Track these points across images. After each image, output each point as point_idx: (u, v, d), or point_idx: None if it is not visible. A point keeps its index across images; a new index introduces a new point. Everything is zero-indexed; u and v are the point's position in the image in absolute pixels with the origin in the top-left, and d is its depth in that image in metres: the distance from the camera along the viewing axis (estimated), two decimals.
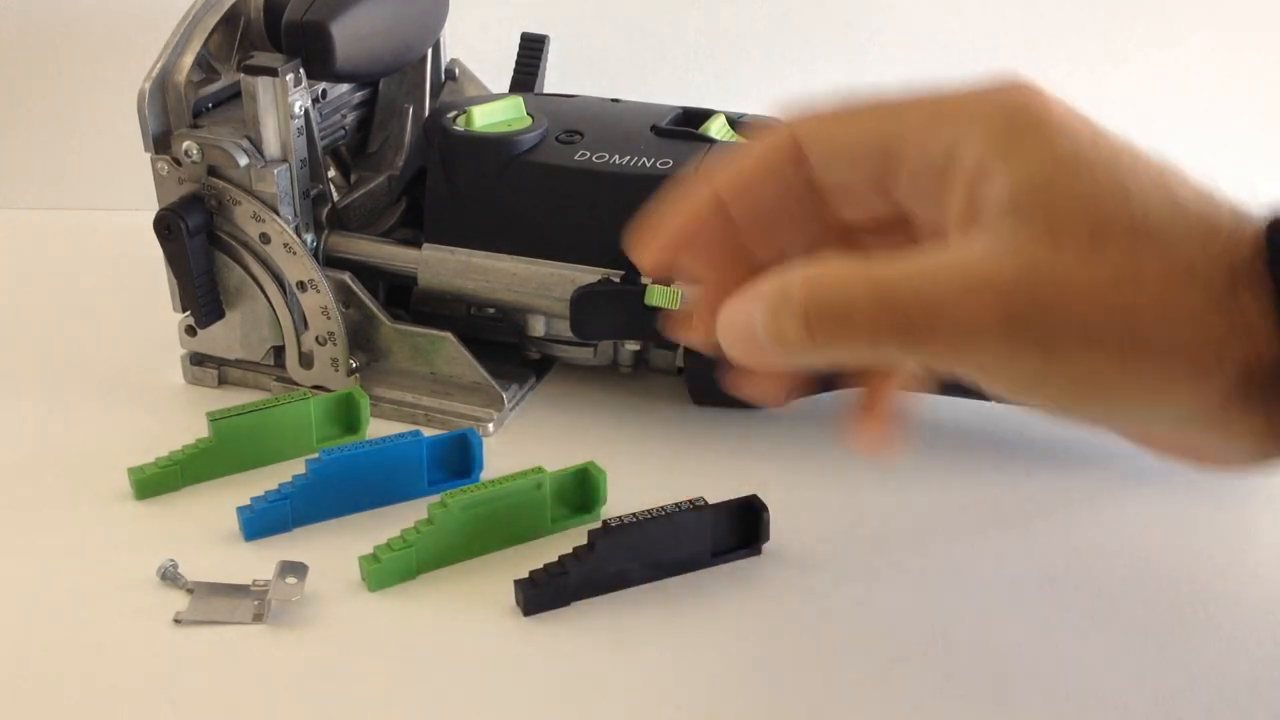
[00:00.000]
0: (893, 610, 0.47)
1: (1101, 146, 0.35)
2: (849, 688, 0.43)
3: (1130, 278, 0.32)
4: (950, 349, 0.34)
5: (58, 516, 0.52)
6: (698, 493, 0.48)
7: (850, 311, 0.35)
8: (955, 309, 0.34)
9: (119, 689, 0.43)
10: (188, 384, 0.63)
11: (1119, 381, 0.33)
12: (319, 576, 0.48)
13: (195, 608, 0.47)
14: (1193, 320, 0.32)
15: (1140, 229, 0.33)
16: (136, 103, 0.56)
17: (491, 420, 0.58)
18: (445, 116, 0.59)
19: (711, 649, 0.45)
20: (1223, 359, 0.32)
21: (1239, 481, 0.54)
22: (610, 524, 0.47)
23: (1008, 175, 0.34)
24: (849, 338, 0.35)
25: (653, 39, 0.80)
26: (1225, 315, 0.32)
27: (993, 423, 0.58)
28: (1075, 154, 0.35)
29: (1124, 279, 0.33)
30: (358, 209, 0.64)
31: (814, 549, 0.50)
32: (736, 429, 0.59)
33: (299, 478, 0.51)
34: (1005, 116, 0.35)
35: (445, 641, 0.45)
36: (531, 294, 0.58)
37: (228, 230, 0.58)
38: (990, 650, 0.45)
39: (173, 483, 0.54)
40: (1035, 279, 0.33)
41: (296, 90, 0.56)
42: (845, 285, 0.35)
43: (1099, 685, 0.43)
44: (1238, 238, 0.32)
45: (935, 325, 0.34)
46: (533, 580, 0.47)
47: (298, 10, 0.56)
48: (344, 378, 0.59)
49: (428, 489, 0.53)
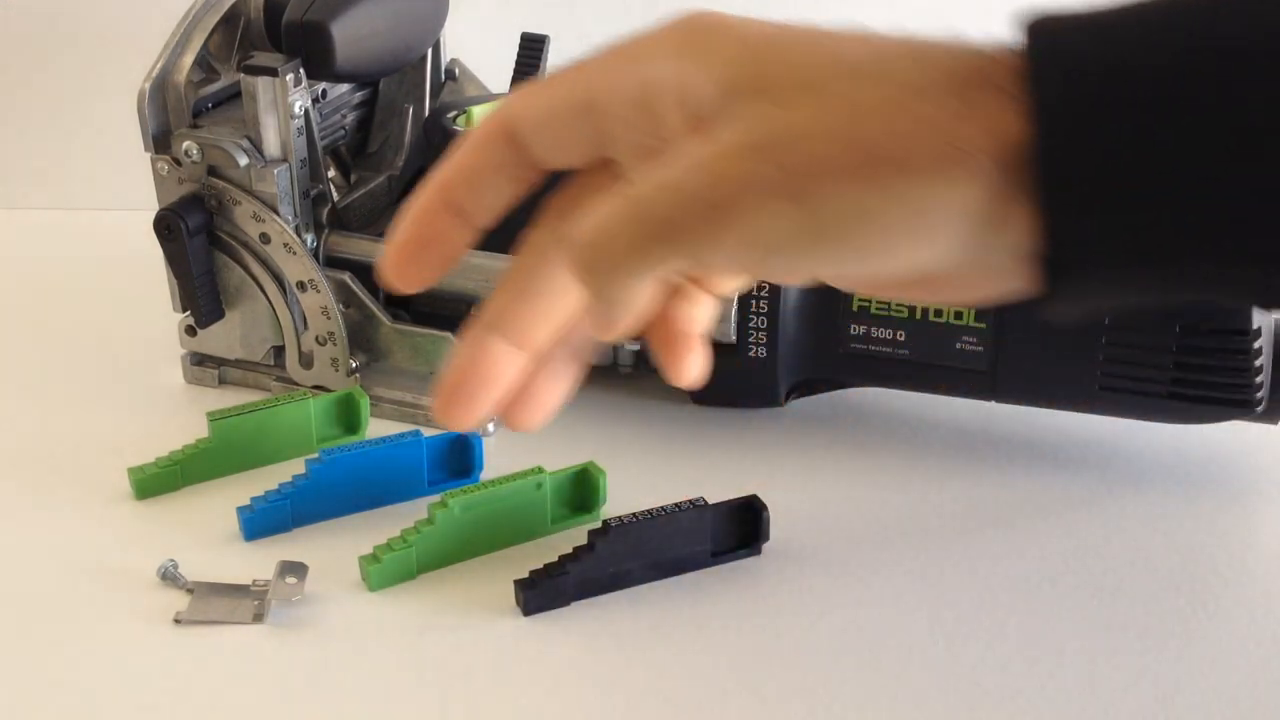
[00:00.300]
0: (892, 610, 0.47)
1: (793, 29, 0.35)
2: (849, 687, 0.43)
3: (859, 109, 0.32)
4: (712, 236, 0.33)
5: (58, 516, 0.52)
6: (698, 493, 0.48)
7: (613, 239, 0.35)
8: (707, 192, 0.33)
9: (119, 689, 0.43)
10: (188, 384, 0.63)
11: (879, 207, 0.32)
12: (319, 576, 0.48)
13: (195, 608, 0.47)
14: (927, 127, 0.31)
15: (863, 71, 0.33)
16: (136, 103, 0.56)
17: (492, 420, 0.58)
18: (445, 116, 0.59)
19: (711, 649, 0.45)
20: (970, 155, 0.31)
21: (1239, 481, 0.54)
22: (610, 524, 0.47)
23: (709, 74, 0.34)
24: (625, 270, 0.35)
25: None
26: (965, 116, 0.31)
27: (993, 423, 0.58)
28: (767, 36, 0.35)
29: (853, 113, 0.32)
30: (358, 209, 0.64)
31: (814, 549, 0.50)
32: (736, 429, 0.59)
33: (299, 478, 0.51)
34: (686, 33, 0.35)
35: (445, 641, 0.45)
36: None
37: (228, 230, 0.58)
38: (991, 650, 0.45)
39: (173, 483, 0.54)
40: (769, 138, 0.33)
41: (296, 90, 0.56)
42: (607, 217, 0.35)
43: (1099, 685, 0.43)
44: (988, 55, 0.33)
45: (691, 215, 0.33)
46: (533, 580, 0.47)
47: (298, 10, 0.56)
48: (344, 378, 0.59)
49: (428, 489, 0.53)
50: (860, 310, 0.55)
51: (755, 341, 0.55)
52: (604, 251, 0.35)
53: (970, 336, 0.53)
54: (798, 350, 0.56)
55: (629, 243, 0.34)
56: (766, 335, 0.55)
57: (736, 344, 0.56)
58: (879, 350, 0.55)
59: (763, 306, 0.55)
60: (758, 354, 0.56)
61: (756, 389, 0.58)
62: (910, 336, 0.54)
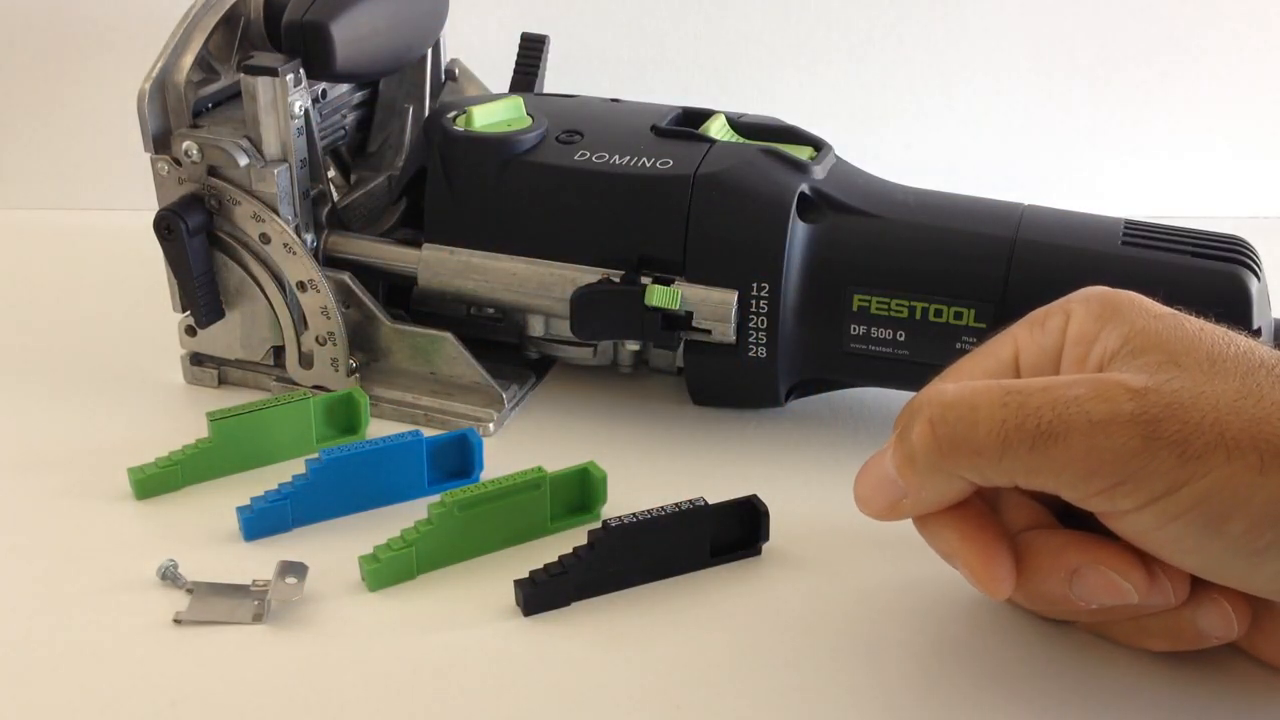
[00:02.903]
0: (893, 610, 0.47)
1: (1176, 313, 0.38)
2: (849, 688, 0.43)
3: (1255, 394, 0.34)
4: (1082, 452, 0.34)
5: (58, 516, 0.52)
6: (698, 493, 0.48)
7: (976, 414, 0.36)
8: (1087, 403, 0.34)
9: (119, 689, 0.43)
10: (188, 384, 0.63)
11: (1249, 496, 0.33)
12: (319, 576, 0.48)
13: (195, 608, 0.47)
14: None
15: (1249, 358, 0.35)
16: (136, 103, 0.56)
17: (491, 420, 0.58)
18: (445, 116, 0.59)
19: (711, 649, 0.45)
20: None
21: None
22: (610, 524, 0.47)
23: (1115, 333, 0.37)
24: (975, 446, 0.36)
25: (653, 39, 0.81)
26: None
27: None
28: (1164, 314, 0.38)
29: (1250, 394, 0.34)
30: (358, 209, 0.64)
31: (814, 549, 0.50)
32: (736, 429, 0.59)
33: (299, 478, 0.51)
34: (1098, 299, 0.39)
35: (445, 641, 0.45)
36: (531, 294, 0.58)
37: (228, 230, 0.58)
38: (992, 650, 0.45)
39: (173, 483, 0.54)
40: (1166, 387, 0.34)
41: (296, 90, 0.56)
42: (973, 393, 0.37)
43: (1099, 685, 0.43)
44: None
45: (1068, 421, 0.34)
46: (533, 580, 0.47)
47: (298, 10, 0.56)
48: (344, 378, 0.60)
49: (428, 489, 0.53)
50: (860, 310, 0.55)
51: (755, 341, 0.55)
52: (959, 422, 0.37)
53: (970, 337, 0.53)
54: (798, 350, 0.56)
55: (989, 427, 0.36)
56: (766, 335, 0.55)
57: (736, 344, 0.56)
58: (879, 350, 0.55)
59: (763, 306, 0.55)
60: (758, 354, 0.56)
61: (756, 389, 0.58)
62: (910, 336, 0.54)
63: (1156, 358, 0.36)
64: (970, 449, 0.36)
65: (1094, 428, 0.34)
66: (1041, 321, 0.40)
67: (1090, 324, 0.38)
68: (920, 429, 0.37)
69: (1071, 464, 0.35)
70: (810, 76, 0.81)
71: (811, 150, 0.58)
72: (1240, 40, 0.79)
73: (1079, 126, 0.82)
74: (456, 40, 0.69)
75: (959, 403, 0.37)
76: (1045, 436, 0.35)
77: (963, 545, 0.39)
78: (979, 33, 0.80)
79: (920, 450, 0.37)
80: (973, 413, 0.36)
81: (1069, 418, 0.34)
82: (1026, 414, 0.35)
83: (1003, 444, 0.35)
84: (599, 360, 0.61)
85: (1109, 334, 0.37)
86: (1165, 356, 0.36)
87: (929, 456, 0.37)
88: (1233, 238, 0.54)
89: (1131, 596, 0.38)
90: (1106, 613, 0.42)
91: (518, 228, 0.58)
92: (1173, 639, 0.41)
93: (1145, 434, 0.33)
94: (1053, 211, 0.56)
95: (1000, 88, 0.81)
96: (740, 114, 0.61)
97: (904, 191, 0.57)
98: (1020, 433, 0.35)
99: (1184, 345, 0.36)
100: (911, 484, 0.39)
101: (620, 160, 0.57)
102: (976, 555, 0.39)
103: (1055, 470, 0.35)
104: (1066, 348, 0.39)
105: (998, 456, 0.36)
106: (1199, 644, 0.41)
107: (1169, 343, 0.36)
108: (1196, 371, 0.35)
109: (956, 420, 0.36)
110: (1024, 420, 0.35)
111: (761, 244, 0.54)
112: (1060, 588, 0.40)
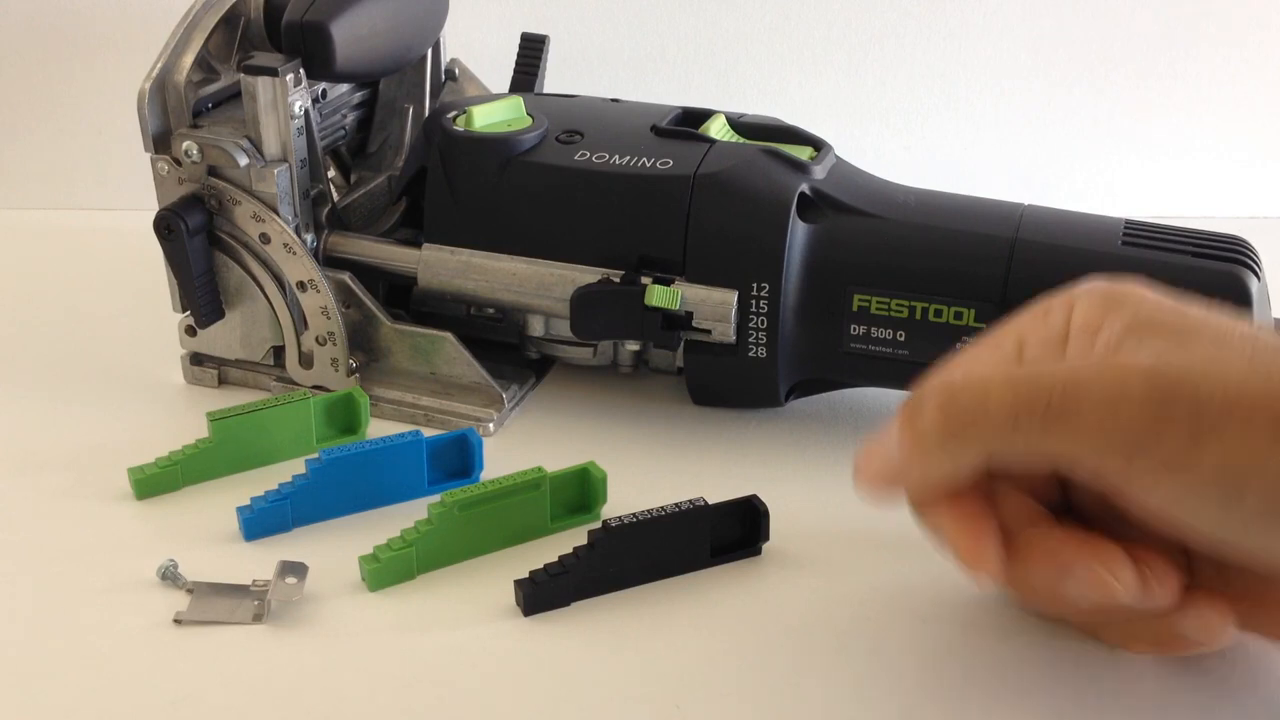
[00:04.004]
0: (893, 610, 0.47)
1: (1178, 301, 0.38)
2: (849, 688, 0.43)
3: (1263, 371, 0.34)
4: (1094, 426, 0.35)
5: (58, 516, 0.52)
6: (698, 493, 0.48)
7: (986, 396, 0.37)
8: (1098, 382, 0.35)
9: (119, 689, 0.43)
10: (188, 384, 0.63)
11: (1265, 464, 0.33)
12: (319, 576, 0.48)
13: (195, 608, 0.47)
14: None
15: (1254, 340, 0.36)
16: (136, 103, 0.56)
17: (491, 420, 0.58)
18: (445, 116, 0.59)
19: (711, 649, 0.45)
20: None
21: None
22: (610, 524, 0.47)
23: (1120, 320, 0.38)
24: (984, 423, 0.37)
25: (653, 39, 0.81)
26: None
27: None
28: (1168, 301, 0.38)
29: (1258, 371, 0.34)
30: (358, 209, 0.64)
31: (814, 549, 0.50)
32: (736, 429, 0.59)
33: (299, 478, 0.51)
34: (1102, 289, 0.39)
35: (445, 641, 0.45)
36: (531, 294, 0.58)
37: (228, 230, 0.58)
38: (991, 651, 0.45)
39: (173, 483, 0.54)
40: (1174, 365, 0.35)
41: (296, 90, 0.56)
42: (981, 375, 0.38)
43: (1100, 685, 0.43)
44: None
45: (1079, 397, 0.35)
46: (533, 580, 0.47)
47: (298, 10, 0.56)
48: (344, 378, 0.60)
49: (428, 489, 0.53)
50: (860, 310, 0.55)
51: (755, 341, 0.55)
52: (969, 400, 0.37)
53: (970, 337, 0.53)
54: (798, 350, 0.56)
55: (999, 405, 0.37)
56: (766, 335, 0.55)
57: (736, 344, 0.56)
58: (879, 350, 0.55)
59: (763, 306, 0.55)
60: (758, 354, 0.56)
61: (756, 389, 0.58)
62: (910, 336, 0.54)
63: (1163, 340, 0.36)
64: (982, 424, 0.37)
65: (1105, 403, 0.35)
66: (1045, 312, 0.40)
67: (1095, 313, 0.38)
68: (930, 409, 0.37)
69: (1086, 438, 0.35)
70: (810, 76, 0.81)
71: (811, 150, 0.58)
72: (1240, 41, 0.79)
73: (1079, 127, 0.82)
74: (456, 40, 0.69)
75: (970, 385, 0.37)
76: (1057, 412, 0.35)
77: (953, 526, 0.40)
78: (979, 33, 0.80)
79: (930, 427, 0.38)
80: (984, 393, 0.36)
81: (1080, 395, 0.35)
82: (1037, 392, 0.36)
83: (1014, 419, 0.36)
84: (599, 360, 0.61)
85: (1114, 321, 0.38)
86: (1172, 338, 0.36)
87: (938, 434, 0.38)
88: (1233, 238, 0.54)
89: (1121, 595, 0.39)
90: (1097, 613, 0.42)
91: (518, 228, 0.58)
92: (1157, 643, 0.42)
93: (1157, 408, 0.34)
94: (1053, 211, 0.56)
95: (1000, 88, 0.81)
96: (740, 114, 0.61)
97: (904, 191, 0.57)
98: (1031, 409, 0.36)
99: (1190, 328, 0.36)
100: (916, 463, 0.39)
101: (620, 160, 0.57)
102: (964, 536, 0.39)
103: (1069, 442, 0.36)
104: (1072, 337, 0.39)
105: (1010, 430, 0.36)
106: (1182, 650, 0.42)
107: (1174, 326, 0.37)
108: (1203, 350, 0.35)
109: (968, 400, 0.37)
110: (1035, 398, 0.36)
111: (761, 244, 0.54)
112: (1053, 584, 0.40)
